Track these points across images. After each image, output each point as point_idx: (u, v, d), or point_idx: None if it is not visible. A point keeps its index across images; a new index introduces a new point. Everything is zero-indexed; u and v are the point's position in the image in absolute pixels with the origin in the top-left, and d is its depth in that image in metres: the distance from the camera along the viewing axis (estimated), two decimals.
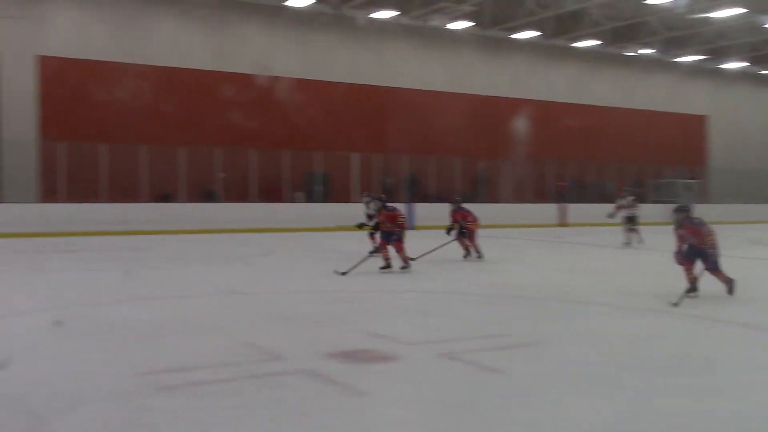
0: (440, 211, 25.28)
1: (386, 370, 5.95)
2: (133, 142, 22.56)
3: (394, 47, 29.10)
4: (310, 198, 25.11)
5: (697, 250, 9.30)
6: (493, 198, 28.41)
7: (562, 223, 27.36)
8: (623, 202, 19.34)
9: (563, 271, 13.76)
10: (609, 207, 19.45)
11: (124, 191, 21.82)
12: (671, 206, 10.27)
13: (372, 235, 13.88)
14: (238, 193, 23.73)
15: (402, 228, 12.51)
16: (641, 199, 20.73)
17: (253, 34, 26.38)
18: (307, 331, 7.50)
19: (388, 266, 12.31)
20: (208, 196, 23.74)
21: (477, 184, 29.21)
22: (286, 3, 25.88)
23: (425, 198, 26.86)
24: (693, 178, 32.19)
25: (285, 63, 26.63)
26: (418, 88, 29.07)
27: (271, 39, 26.72)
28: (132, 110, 23.74)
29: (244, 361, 6.15)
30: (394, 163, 27.16)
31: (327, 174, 25.82)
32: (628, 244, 18.76)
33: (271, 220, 21.80)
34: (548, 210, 27.91)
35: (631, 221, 19.11)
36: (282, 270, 13.27)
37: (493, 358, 6.39)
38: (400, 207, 13.88)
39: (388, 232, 12.43)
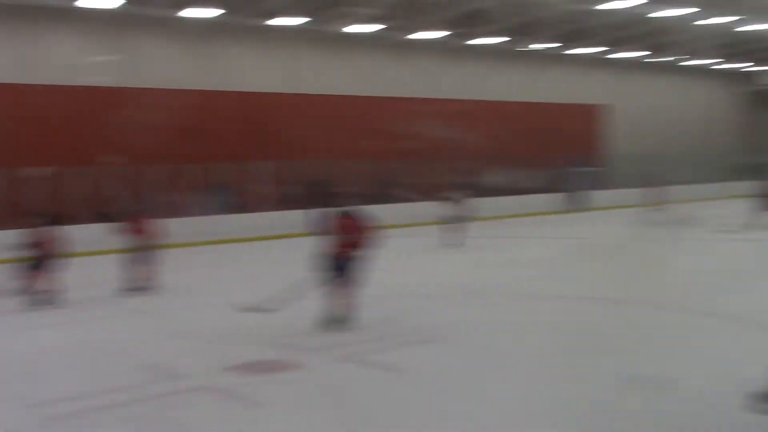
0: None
1: (286, 379, 6.06)
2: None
3: (300, 54, 29.02)
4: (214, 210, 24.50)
5: (336, 259, 7.92)
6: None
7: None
8: (451, 197, 17.16)
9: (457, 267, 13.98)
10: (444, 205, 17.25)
11: None
12: (572, 195, 9.97)
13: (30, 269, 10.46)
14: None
15: (52, 254, 10.36)
16: (471, 194, 17.98)
17: (152, 48, 25.87)
18: (207, 346, 7.49)
19: (35, 298, 10.21)
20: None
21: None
22: (182, 14, 25.29)
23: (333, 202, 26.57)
24: (595, 167, 33.28)
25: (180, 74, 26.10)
26: (322, 93, 29.00)
27: (173, 51, 26.24)
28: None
29: (141, 383, 6.14)
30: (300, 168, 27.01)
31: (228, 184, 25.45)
32: (452, 245, 16.39)
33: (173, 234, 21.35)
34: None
35: (455, 220, 16.80)
36: (184, 285, 12.80)
37: (394, 357, 6.58)
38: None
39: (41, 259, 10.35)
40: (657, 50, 36.40)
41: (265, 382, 5.99)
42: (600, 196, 30.61)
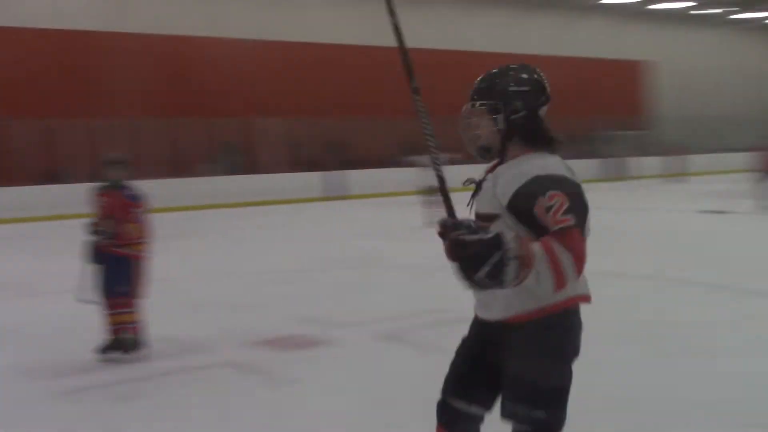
0: (371, 177, 25.21)
1: (318, 356, 5.90)
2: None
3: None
4: (223, 171, 24.40)
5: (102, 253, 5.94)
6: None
7: None
8: (422, 160, 14.35)
9: None
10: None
11: None
12: (609, 161, 9.04)
13: None
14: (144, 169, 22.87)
15: None
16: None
17: None
18: (227, 318, 7.36)
19: None
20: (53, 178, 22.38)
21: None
22: None
23: (355, 164, 26.51)
24: (634, 129, 32.77)
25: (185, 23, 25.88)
26: (338, 42, 28.69)
27: None
28: None
29: (159, 356, 5.98)
30: (317, 128, 26.81)
31: (236, 143, 25.33)
32: (432, 224, 14.81)
33: (181, 197, 21.29)
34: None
35: (431, 192, 14.03)
36: (194, 253, 12.94)
37: (437, 335, 6.38)
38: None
39: None
40: (704, 1, 35.68)
41: (295, 359, 5.84)
42: (642, 163, 29.97)
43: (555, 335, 2.61)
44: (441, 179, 2.63)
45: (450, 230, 2.46)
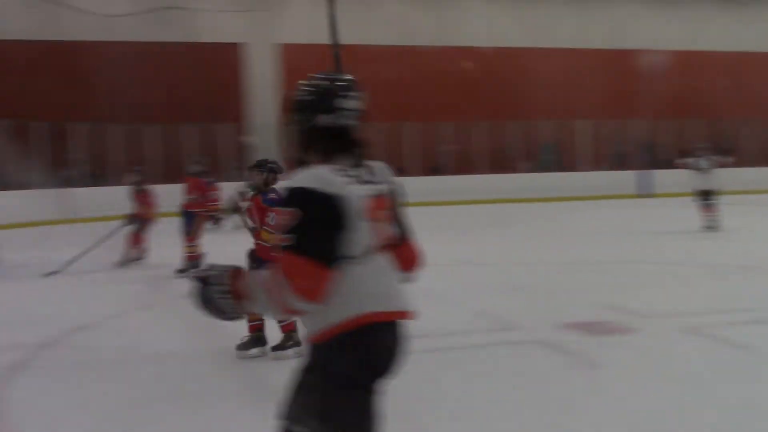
0: (680, 177, 23.98)
1: (623, 343, 5.97)
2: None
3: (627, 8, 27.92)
4: (540, 168, 24.89)
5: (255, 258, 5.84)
6: (737, 162, 26.26)
7: None
8: (695, 163, 13.66)
9: None
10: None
11: None
12: None
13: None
14: (465, 165, 24.14)
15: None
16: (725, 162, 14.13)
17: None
18: (541, 301, 7.65)
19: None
20: (436, 170, 24.40)
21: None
22: None
23: (663, 164, 25.53)
24: None
25: (485, 32, 26.49)
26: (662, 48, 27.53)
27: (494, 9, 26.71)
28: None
29: (478, 330, 6.45)
30: (628, 129, 26.12)
31: (555, 143, 25.48)
32: (710, 228, 13.26)
33: (500, 190, 22.16)
34: None
35: (705, 195, 13.40)
36: (513, 241, 13.48)
37: (738, 333, 6.15)
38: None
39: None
40: None
41: (601, 344, 5.94)
42: None
43: (334, 358, 2.29)
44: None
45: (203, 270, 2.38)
